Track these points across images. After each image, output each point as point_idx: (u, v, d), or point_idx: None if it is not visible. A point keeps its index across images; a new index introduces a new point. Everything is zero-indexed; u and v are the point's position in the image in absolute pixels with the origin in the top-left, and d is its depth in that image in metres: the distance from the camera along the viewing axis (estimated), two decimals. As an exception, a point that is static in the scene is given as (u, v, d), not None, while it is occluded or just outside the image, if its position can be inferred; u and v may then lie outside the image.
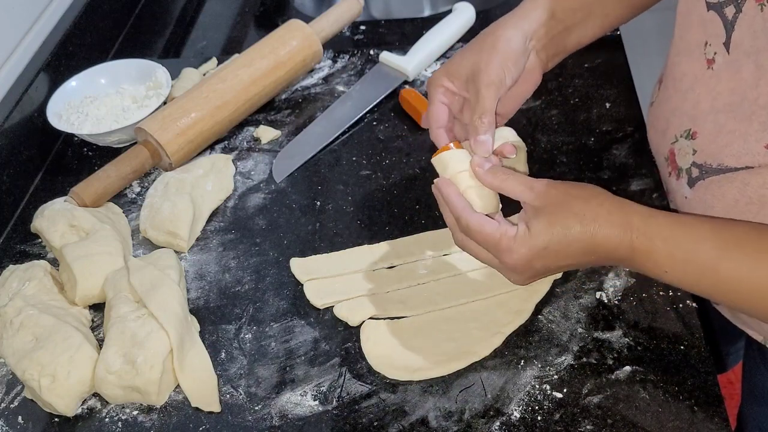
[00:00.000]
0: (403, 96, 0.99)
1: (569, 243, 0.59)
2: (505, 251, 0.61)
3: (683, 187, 0.73)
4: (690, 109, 0.71)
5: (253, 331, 0.76)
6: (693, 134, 0.70)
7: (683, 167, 0.72)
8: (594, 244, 0.59)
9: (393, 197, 0.88)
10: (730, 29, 0.63)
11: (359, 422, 0.67)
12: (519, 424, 0.65)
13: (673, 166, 0.74)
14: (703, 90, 0.68)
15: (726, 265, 0.56)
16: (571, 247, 0.60)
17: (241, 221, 0.88)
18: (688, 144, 0.71)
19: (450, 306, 0.75)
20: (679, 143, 0.72)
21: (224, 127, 0.97)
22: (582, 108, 0.95)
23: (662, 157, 0.77)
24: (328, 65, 1.09)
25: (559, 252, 0.60)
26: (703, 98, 0.68)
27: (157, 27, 1.26)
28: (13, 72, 0.99)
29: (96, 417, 0.70)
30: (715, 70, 0.66)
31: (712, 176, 0.68)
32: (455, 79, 0.69)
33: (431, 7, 1.38)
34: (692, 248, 0.57)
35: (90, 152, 1.00)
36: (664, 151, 0.76)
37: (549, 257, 0.61)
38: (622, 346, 0.70)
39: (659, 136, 0.77)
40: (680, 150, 0.73)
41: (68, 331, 0.71)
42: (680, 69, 0.72)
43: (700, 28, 0.68)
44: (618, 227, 0.58)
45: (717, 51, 0.65)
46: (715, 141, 0.67)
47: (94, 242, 0.79)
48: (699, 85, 0.69)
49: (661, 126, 0.76)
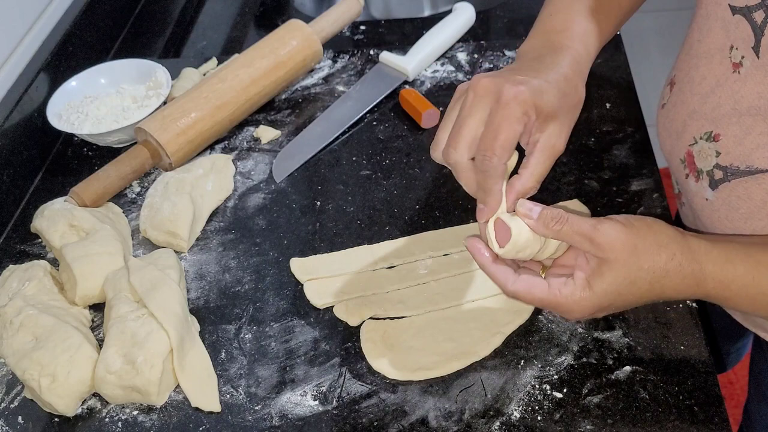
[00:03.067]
0: (403, 96, 0.99)
1: (638, 298, 0.57)
2: (568, 312, 0.57)
3: (704, 189, 0.72)
4: (710, 111, 0.70)
5: (253, 331, 0.76)
6: (715, 137, 0.69)
7: (704, 169, 0.71)
8: (663, 294, 0.57)
9: (393, 197, 0.88)
10: (759, 34, 0.62)
11: (359, 422, 0.67)
12: (519, 424, 0.65)
13: (691, 168, 0.73)
14: (726, 93, 0.67)
15: None
16: (639, 300, 0.57)
17: (241, 221, 0.88)
18: (709, 146, 0.70)
19: (450, 306, 0.75)
20: (698, 145, 0.71)
21: (224, 127, 0.97)
22: (582, 108, 0.95)
23: (677, 159, 0.76)
24: (328, 65, 1.09)
25: (626, 302, 0.57)
26: (725, 101, 0.67)
27: (157, 27, 1.26)
28: (13, 72, 0.99)
29: (96, 417, 0.70)
30: (741, 74, 0.65)
31: (739, 178, 0.67)
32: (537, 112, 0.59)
33: (431, 7, 1.38)
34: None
35: (90, 152, 1.00)
36: (680, 153, 0.75)
37: (613, 308, 0.58)
38: (622, 346, 0.70)
39: (673, 138, 0.76)
40: (700, 152, 0.71)
41: (68, 331, 0.71)
42: (699, 72, 0.71)
43: (723, 32, 0.67)
44: (691, 279, 0.56)
45: (744, 55, 0.65)
46: (743, 143, 0.66)
47: (94, 242, 0.79)
48: (721, 88, 0.68)
49: (675, 128, 0.76)
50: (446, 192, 0.88)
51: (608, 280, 0.55)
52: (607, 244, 0.54)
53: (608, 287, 0.55)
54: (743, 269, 0.57)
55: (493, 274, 0.58)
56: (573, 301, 0.56)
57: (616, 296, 0.56)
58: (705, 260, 0.57)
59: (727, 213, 0.70)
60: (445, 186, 0.88)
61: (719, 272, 0.57)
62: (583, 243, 0.55)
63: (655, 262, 0.55)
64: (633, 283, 0.55)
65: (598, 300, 0.56)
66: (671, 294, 0.57)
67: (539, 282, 0.57)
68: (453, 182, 0.88)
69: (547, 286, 0.57)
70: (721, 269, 0.57)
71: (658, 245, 0.56)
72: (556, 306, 0.57)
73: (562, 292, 0.56)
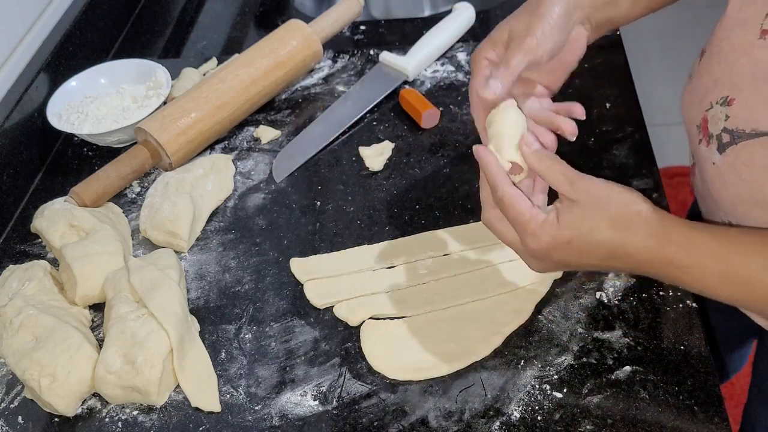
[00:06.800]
0: (403, 96, 0.99)
1: (596, 245, 0.58)
2: (530, 235, 0.60)
3: (713, 154, 0.72)
4: (731, 78, 0.69)
5: (253, 331, 0.76)
6: (730, 101, 0.69)
7: (714, 133, 0.71)
8: (624, 252, 0.58)
9: (393, 197, 0.88)
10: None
11: (359, 422, 0.67)
12: (519, 424, 0.65)
13: (704, 133, 0.73)
14: (749, 60, 0.67)
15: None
16: (597, 250, 0.59)
17: (241, 221, 0.88)
18: (722, 110, 0.70)
19: (450, 306, 0.75)
20: (713, 110, 0.71)
21: (224, 127, 0.97)
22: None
23: (694, 126, 0.75)
24: (328, 65, 1.09)
25: (582, 251, 0.59)
26: (747, 68, 0.67)
27: (157, 27, 1.26)
28: (13, 72, 0.99)
29: (96, 417, 0.70)
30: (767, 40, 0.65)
31: (744, 141, 0.67)
32: (497, 47, 0.66)
33: (431, 7, 1.38)
34: (739, 262, 0.56)
35: (90, 152, 1.00)
36: (697, 119, 0.74)
37: (571, 252, 0.60)
38: (622, 346, 0.70)
39: (694, 106, 0.75)
40: (713, 116, 0.71)
41: (68, 331, 0.71)
42: (729, 42, 0.71)
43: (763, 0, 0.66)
44: (654, 238, 0.57)
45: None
46: (753, 108, 0.66)
47: (94, 242, 0.79)
48: (746, 56, 0.67)
49: (698, 97, 0.75)
50: (446, 192, 0.88)
51: (575, 216, 0.59)
52: (584, 189, 0.59)
53: (572, 221, 0.58)
54: (709, 236, 0.57)
55: (496, 173, 0.62)
56: (538, 224, 0.59)
57: (577, 235, 0.58)
58: (671, 225, 0.58)
59: (732, 178, 0.69)
60: (445, 186, 0.88)
61: (684, 238, 0.57)
62: (564, 184, 0.60)
63: (621, 213, 0.58)
64: (596, 228, 0.58)
65: (560, 232, 0.59)
66: (632, 251, 0.58)
67: (526, 200, 0.61)
68: (453, 182, 0.88)
69: (531, 205, 0.60)
70: (687, 235, 0.57)
71: (630, 200, 0.58)
72: (525, 225, 0.60)
73: (537, 215, 0.60)
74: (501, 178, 0.62)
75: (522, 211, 0.60)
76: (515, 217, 0.61)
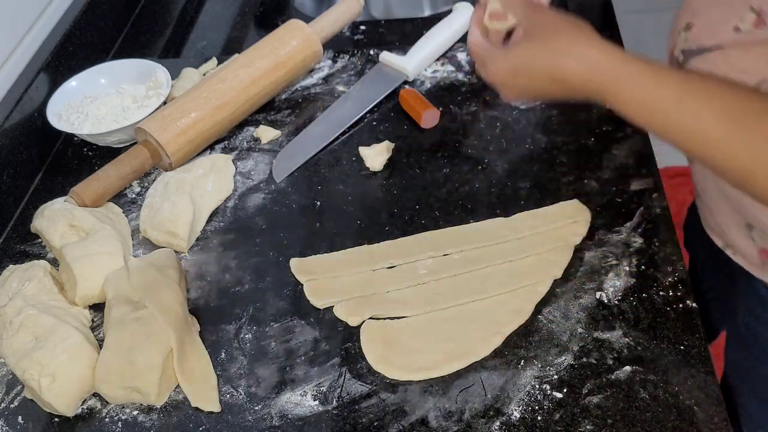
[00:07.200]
0: (403, 96, 0.99)
1: (537, 69, 0.63)
2: (489, 64, 0.67)
3: None
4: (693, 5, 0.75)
5: (253, 331, 0.76)
6: (689, 26, 0.74)
7: (677, 56, 0.77)
8: (562, 77, 0.62)
9: (393, 197, 0.88)
10: None
11: (359, 422, 0.67)
12: (519, 424, 0.65)
13: (671, 58, 0.79)
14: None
15: (685, 109, 0.57)
16: (539, 73, 0.63)
17: (241, 221, 0.88)
18: (684, 35, 0.75)
19: (450, 306, 0.75)
20: (680, 36, 0.76)
21: (224, 127, 0.97)
22: (582, 108, 0.95)
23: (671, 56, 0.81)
24: (328, 65, 1.09)
25: (530, 74, 0.64)
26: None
27: (157, 27, 1.26)
28: (13, 72, 0.99)
29: (96, 417, 0.70)
30: None
31: (693, 58, 0.72)
32: None
33: (431, 7, 1.38)
34: (654, 92, 0.59)
35: (90, 152, 1.00)
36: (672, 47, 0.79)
37: (521, 76, 0.65)
38: (622, 346, 0.70)
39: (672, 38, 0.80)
40: (678, 43, 0.77)
41: (68, 331, 0.71)
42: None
43: None
44: (587, 64, 0.60)
45: None
46: (701, 28, 0.72)
47: (94, 242, 0.79)
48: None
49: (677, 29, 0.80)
50: (446, 192, 0.88)
51: (522, 44, 0.65)
52: (533, 18, 0.65)
53: (519, 50, 0.65)
54: (634, 65, 0.59)
55: (472, 23, 0.71)
56: (492, 53, 0.67)
57: (520, 61, 0.64)
58: (606, 51, 0.61)
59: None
60: (445, 186, 0.88)
61: (611, 66, 0.60)
62: (518, 11, 0.67)
63: (561, 40, 0.62)
64: (535, 54, 0.63)
65: (507, 59, 0.65)
66: (570, 80, 0.61)
67: (483, 42, 0.70)
68: (453, 182, 0.88)
69: (487, 45, 0.69)
70: (614, 64, 0.60)
71: (574, 29, 0.63)
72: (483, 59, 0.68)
73: (489, 47, 0.68)
74: (473, 28, 0.71)
75: (479, 51, 0.69)
76: (478, 53, 0.69)
